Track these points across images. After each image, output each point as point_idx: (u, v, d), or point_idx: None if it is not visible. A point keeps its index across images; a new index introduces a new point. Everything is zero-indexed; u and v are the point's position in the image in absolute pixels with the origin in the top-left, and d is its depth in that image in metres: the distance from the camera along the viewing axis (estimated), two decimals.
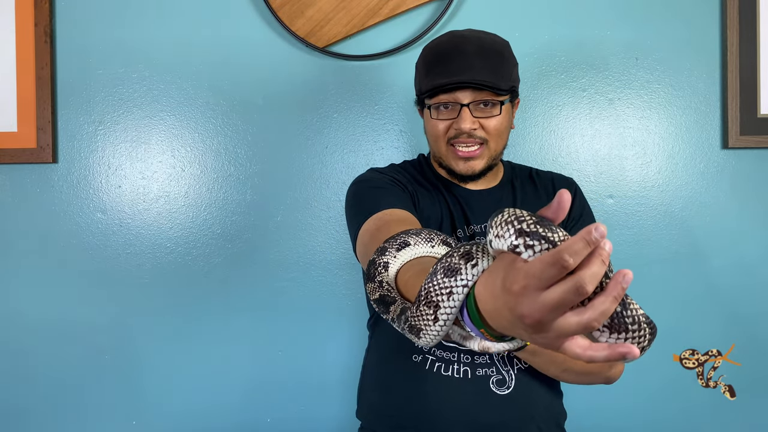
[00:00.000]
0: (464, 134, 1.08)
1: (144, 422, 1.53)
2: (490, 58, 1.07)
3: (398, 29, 1.50)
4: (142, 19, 1.51)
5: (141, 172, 1.53)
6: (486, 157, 1.11)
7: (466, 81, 1.04)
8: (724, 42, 1.50)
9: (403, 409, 1.11)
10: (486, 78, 1.05)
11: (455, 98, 1.07)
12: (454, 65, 1.06)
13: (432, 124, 1.11)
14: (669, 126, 1.52)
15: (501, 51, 1.10)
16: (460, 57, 1.07)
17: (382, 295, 0.72)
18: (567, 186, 1.20)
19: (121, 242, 1.52)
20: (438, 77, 1.07)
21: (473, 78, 1.04)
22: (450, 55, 1.08)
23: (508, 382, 1.08)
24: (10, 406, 1.53)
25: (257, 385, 1.53)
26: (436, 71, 1.08)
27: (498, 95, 1.07)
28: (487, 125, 1.08)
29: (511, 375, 1.08)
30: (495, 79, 1.06)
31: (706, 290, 1.52)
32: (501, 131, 1.10)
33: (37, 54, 1.49)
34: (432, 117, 1.10)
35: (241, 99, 1.52)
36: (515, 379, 1.08)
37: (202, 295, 1.52)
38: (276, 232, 1.52)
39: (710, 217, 1.52)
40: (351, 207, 1.09)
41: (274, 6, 1.47)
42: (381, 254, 0.75)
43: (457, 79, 1.05)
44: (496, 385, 1.08)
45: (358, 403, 1.24)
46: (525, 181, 1.22)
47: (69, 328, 1.52)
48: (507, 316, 0.50)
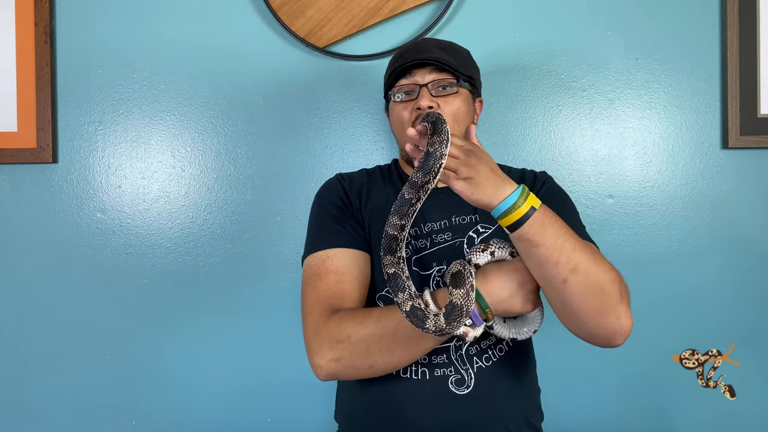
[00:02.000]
0: (424, 113, 1.08)
1: (144, 422, 1.53)
2: (449, 48, 1.15)
3: (398, 29, 1.50)
4: (142, 19, 1.51)
5: (141, 172, 1.53)
6: None
7: (423, 58, 1.10)
8: (724, 42, 1.50)
9: (371, 412, 1.11)
10: (445, 58, 1.10)
11: (414, 81, 1.11)
12: (413, 52, 1.13)
13: (395, 113, 1.14)
14: (669, 126, 1.52)
15: (460, 50, 1.17)
16: (419, 46, 1.15)
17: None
18: (533, 179, 1.20)
19: (121, 242, 1.52)
20: (397, 63, 1.14)
21: (431, 56, 1.10)
22: (409, 48, 1.16)
23: (467, 381, 1.07)
24: (10, 406, 1.53)
25: (257, 385, 1.53)
26: (396, 63, 1.15)
27: (456, 77, 1.11)
28: (444, 108, 1.10)
29: (470, 374, 1.07)
30: (454, 61, 1.11)
31: (706, 290, 1.52)
32: (459, 116, 1.12)
33: (37, 54, 1.49)
34: (395, 101, 1.14)
35: (241, 99, 1.52)
36: (474, 378, 1.06)
37: (202, 295, 1.52)
38: (276, 232, 1.52)
39: (710, 217, 1.52)
40: (309, 223, 1.19)
41: (274, 6, 1.47)
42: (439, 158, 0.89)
43: (416, 57, 1.11)
44: (455, 384, 1.07)
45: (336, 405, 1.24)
46: None
47: (69, 328, 1.52)
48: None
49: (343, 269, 1.07)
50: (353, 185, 1.20)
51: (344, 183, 1.21)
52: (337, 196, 1.18)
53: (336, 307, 1.04)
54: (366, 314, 1.00)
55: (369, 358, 0.99)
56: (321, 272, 1.07)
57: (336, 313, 1.02)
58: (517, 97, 1.51)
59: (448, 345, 1.08)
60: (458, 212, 1.14)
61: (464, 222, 1.13)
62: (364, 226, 1.15)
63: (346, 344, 0.99)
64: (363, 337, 0.98)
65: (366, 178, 1.23)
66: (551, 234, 0.89)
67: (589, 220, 1.50)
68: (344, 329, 0.99)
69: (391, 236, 0.92)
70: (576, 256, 0.90)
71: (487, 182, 0.89)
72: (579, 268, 0.90)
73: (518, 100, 1.51)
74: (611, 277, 0.92)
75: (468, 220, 1.13)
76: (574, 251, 0.90)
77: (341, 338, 0.99)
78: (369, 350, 0.99)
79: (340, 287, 1.06)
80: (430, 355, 1.07)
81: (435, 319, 0.89)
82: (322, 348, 1.00)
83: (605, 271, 0.92)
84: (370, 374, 1.02)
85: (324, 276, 1.07)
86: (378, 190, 1.20)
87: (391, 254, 0.92)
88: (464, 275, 0.92)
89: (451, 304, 0.90)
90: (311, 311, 1.05)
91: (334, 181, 1.22)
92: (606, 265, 0.93)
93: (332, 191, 1.19)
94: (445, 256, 1.10)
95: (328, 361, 0.99)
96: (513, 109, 1.51)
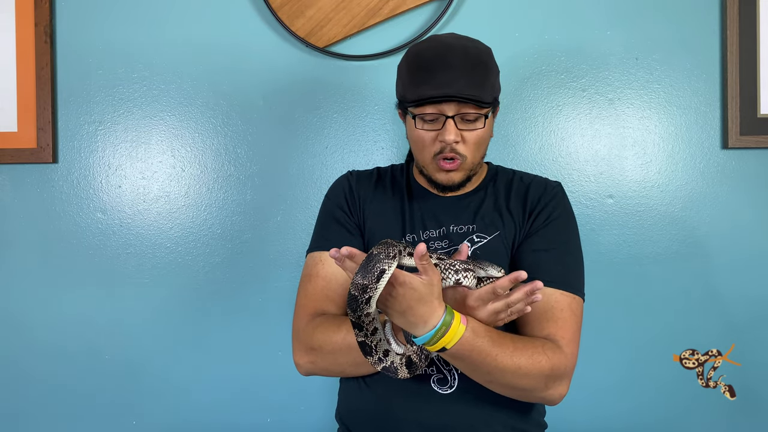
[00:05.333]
0: (447, 147, 1.09)
1: (144, 422, 1.53)
2: (475, 70, 1.07)
3: (398, 29, 1.50)
4: (142, 19, 1.51)
5: (141, 172, 1.53)
6: (464, 170, 1.13)
7: (452, 95, 1.05)
8: (724, 42, 1.50)
9: (362, 411, 1.13)
10: (472, 93, 1.05)
11: (441, 110, 1.07)
12: (441, 77, 1.06)
13: (418, 135, 1.11)
14: (669, 126, 1.52)
15: (486, 61, 1.10)
16: (446, 68, 1.06)
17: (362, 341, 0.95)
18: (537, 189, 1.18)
19: (121, 242, 1.52)
20: (424, 88, 1.06)
21: (459, 92, 1.05)
22: (436, 66, 1.07)
23: (450, 381, 1.07)
24: (10, 406, 1.53)
25: (257, 385, 1.53)
26: (421, 81, 1.07)
27: (481, 108, 1.08)
28: (468, 138, 1.09)
29: (453, 374, 1.07)
30: (480, 92, 1.06)
31: (706, 290, 1.52)
32: (480, 143, 1.12)
33: (37, 54, 1.49)
34: (417, 127, 1.10)
35: (241, 99, 1.52)
36: (458, 378, 1.06)
37: (202, 295, 1.52)
38: (276, 232, 1.52)
39: (710, 217, 1.52)
40: (317, 219, 1.23)
41: (274, 6, 1.47)
42: (363, 292, 0.87)
43: (443, 92, 1.05)
44: (437, 384, 1.07)
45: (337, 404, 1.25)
46: (500, 187, 1.20)
47: (69, 328, 1.52)
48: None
49: (330, 276, 1.13)
50: (361, 185, 1.22)
51: (352, 182, 1.22)
52: (343, 197, 1.20)
53: (319, 311, 1.11)
54: (337, 327, 1.05)
55: (338, 368, 1.10)
56: (312, 274, 1.15)
57: (314, 319, 1.10)
58: (517, 97, 1.51)
59: None
60: (456, 221, 1.15)
61: (461, 231, 1.14)
62: (364, 230, 1.18)
63: (318, 353, 1.07)
64: (332, 350, 1.05)
65: (376, 178, 1.24)
66: (475, 357, 0.96)
67: (589, 220, 1.50)
68: (317, 338, 1.07)
69: (353, 296, 0.90)
70: (500, 365, 0.97)
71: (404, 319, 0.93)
72: (500, 380, 0.99)
73: (518, 100, 1.51)
74: (540, 372, 0.99)
75: (465, 229, 1.14)
76: (497, 366, 0.97)
77: (314, 346, 1.08)
78: (338, 362, 1.07)
79: (325, 293, 1.13)
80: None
81: (402, 371, 0.98)
82: (299, 350, 1.11)
83: (533, 374, 0.99)
84: (345, 376, 1.15)
85: (314, 279, 1.14)
86: (385, 197, 1.20)
87: (358, 329, 0.93)
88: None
89: (409, 360, 0.98)
90: (297, 312, 1.14)
91: (343, 180, 1.24)
92: (538, 365, 0.99)
93: (339, 192, 1.22)
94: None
95: (306, 362, 1.10)
96: (513, 109, 1.51)
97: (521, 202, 1.16)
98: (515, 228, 1.13)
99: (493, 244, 1.12)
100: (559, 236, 1.13)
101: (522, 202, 1.16)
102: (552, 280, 1.06)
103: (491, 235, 1.13)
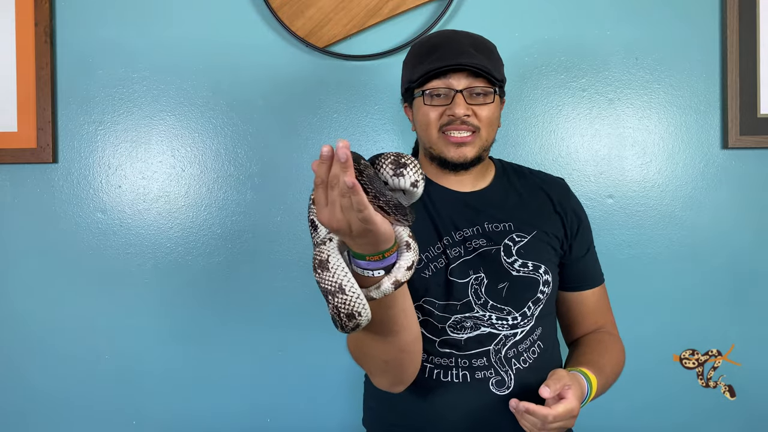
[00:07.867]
0: (457, 120, 1.05)
1: (144, 422, 1.53)
2: (483, 49, 1.08)
3: (398, 29, 1.50)
4: (142, 19, 1.51)
5: (141, 172, 1.53)
6: (477, 146, 1.08)
7: (463, 63, 1.03)
8: (724, 42, 1.50)
9: (407, 418, 1.11)
10: (482, 63, 1.04)
11: (449, 84, 1.05)
12: (448, 51, 1.05)
13: (423, 112, 1.07)
14: (669, 126, 1.52)
15: (492, 48, 1.11)
16: (454, 44, 1.06)
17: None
18: (557, 188, 1.21)
19: (121, 242, 1.52)
20: (431, 61, 1.05)
21: (470, 61, 1.03)
22: (443, 44, 1.07)
23: (507, 382, 1.08)
24: (9, 406, 1.53)
25: (257, 385, 1.53)
26: (428, 59, 1.06)
27: (492, 83, 1.07)
28: (480, 113, 1.06)
29: (510, 375, 1.08)
30: (490, 66, 1.06)
31: (706, 290, 1.52)
32: (492, 121, 1.09)
33: (37, 54, 1.49)
34: (425, 103, 1.07)
35: (241, 99, 1.52)
36: (514, 378, 1.08)
37: (202, 295, 1.52)
38: (276, 232, 1.52)
39: (710, 217, 1.52)
40: None
41: (274, 6, 1.47)
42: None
43: (453, 61, 1.03)
44: (495, 386, 1.08)
45: (363, 411, 1.25)
46: (515, 179, 1.20)
47: (68, 328, 1.52)
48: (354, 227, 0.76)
49: None
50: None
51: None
52: None
53: None
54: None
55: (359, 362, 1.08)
56: None
57: None
58: (517, 97, 1.51)
59: (488, 348, 1.08)
60: (489, 220, 1.12)
61: (498, 229, 1.11)
62: None
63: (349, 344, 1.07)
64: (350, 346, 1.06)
65: None
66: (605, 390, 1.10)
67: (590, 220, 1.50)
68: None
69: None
70: (615, 380, 1.16)
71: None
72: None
73: (518, 100, 1.51)
74: (624, 359, 1.21)
75: (501, 227, 1.12)
76: (614, 382, 1.17)
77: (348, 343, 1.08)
78: (357, 357, 1.06)
79: None
80: (469, 358, 1.08)
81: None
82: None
83: (622, 363, 1.20)
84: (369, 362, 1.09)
85: None
86: None
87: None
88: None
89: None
90: None
91: None
92: (622, 355, 1.21)
93: None
94: (482, 263, 1.09)
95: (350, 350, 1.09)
96: (513, 109, 1.51)
97: (548, 202, 1.18)
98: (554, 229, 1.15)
99: (535, 244, 1.12)
100: (588, 237, 1.23)
101: (547, 201, 1.18)
102: (595, 280, 1.22)
103: (529, 234, 1.12)
